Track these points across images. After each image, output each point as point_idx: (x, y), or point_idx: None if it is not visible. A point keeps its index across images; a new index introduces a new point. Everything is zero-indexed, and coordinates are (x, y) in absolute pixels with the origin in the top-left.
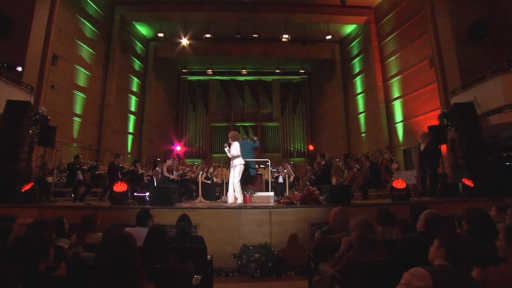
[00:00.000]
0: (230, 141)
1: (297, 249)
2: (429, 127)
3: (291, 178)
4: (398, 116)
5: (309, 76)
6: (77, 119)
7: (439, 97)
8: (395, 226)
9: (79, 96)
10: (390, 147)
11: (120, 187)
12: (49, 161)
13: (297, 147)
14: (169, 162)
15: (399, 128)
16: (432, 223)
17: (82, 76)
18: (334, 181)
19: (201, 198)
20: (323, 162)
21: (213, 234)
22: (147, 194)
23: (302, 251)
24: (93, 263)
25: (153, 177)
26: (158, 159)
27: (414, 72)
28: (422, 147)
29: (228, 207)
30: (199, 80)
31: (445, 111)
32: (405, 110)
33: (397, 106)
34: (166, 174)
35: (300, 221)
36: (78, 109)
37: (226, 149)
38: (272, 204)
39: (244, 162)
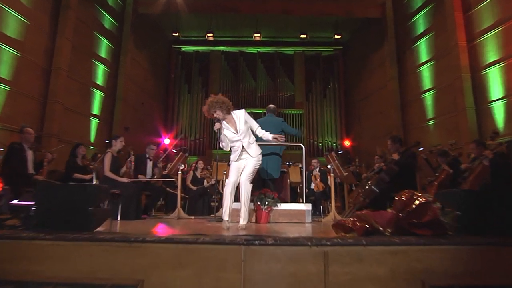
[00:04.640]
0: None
1: None
2: None
3: (334, 180)
4: (496, 90)
5: (344, 47)
6: (2, 86)
7: None
8: None
9: (7, 52)
10: (496, 134)
11: None
12: None
13: (327, 143)
14: (117, 144)
15: (498, 108)
16: None
17: (12, 22)
18: None
19: (181, 211)
20: (401, 150)
21: None
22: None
23: None
24: None
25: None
26: (107, 141)
27: None
28: None
29: (218, 242)
30: (197, 51)
31: None
32: (510, 81)
33: (494, 75)
34: (107, 173)
35: (401, 280)
36: (3, 71)
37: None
38: (309, 223)
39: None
